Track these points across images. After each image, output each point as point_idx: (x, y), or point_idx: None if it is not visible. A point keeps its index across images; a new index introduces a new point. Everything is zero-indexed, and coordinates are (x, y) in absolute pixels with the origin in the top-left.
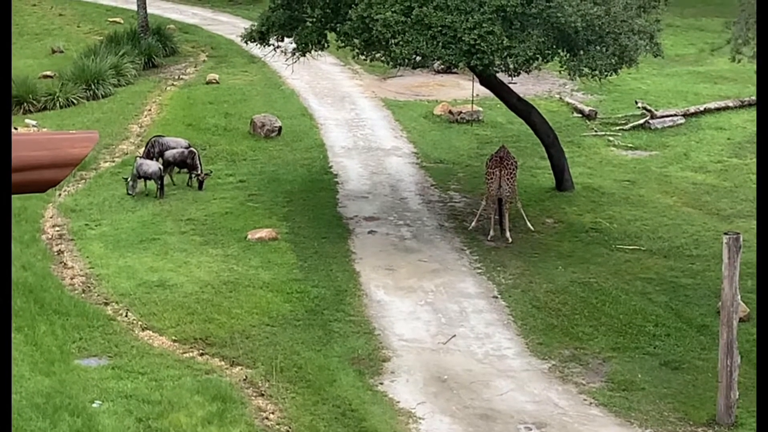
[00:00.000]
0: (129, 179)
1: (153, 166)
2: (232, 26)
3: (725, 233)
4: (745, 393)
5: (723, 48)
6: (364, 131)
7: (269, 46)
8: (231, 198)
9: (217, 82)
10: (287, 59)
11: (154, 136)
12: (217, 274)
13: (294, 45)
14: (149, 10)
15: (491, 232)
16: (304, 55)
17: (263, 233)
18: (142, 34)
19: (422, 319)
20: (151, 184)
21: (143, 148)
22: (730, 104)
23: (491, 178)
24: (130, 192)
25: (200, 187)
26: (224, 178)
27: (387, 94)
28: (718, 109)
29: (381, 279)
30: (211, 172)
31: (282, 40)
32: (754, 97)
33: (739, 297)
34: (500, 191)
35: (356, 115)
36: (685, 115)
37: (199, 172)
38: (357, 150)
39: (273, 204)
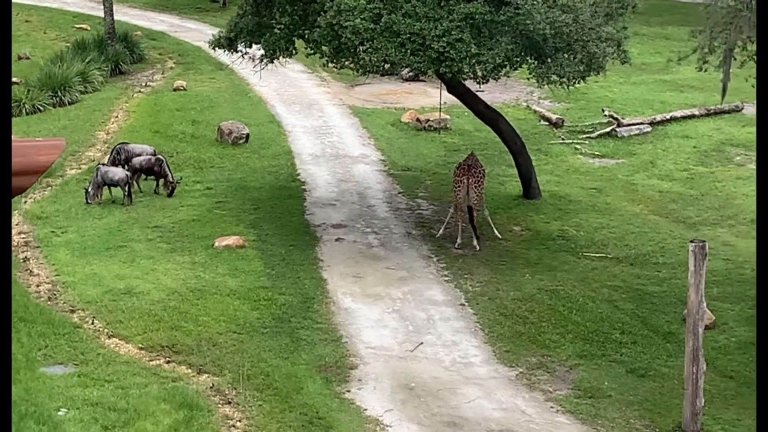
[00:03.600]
0: (89, 188)
1: (119, 173)
2: (199, 33)
3: (691, 241)
4: (710, 400)
5: (689, 57)
6: (332, 139)
7: (237, 52)
8: (198, 205)
9: (185, 89)
10: (255, 66)
11: (120, 143)
12: (184, 281)
13: (262, 52)
14: (116, 17)
15: (459, 240)
16: (272, 62)
17: (230, 240)
18: (109, 41)
19: (390, 326)
20: (117, 191)
21: (108, 156)
22: (696, 113)
23: (459, 186)
24: (89, 201)
25: (171, 194)
26: (191, 185)
27: (355, 102)
28: (684, 118)
29: (348, 286)
30: (182, 178)
31: (250, 47)
32: (720, 106)
33: (704, 304)
34: (468, 199)
35: (324, 123)
36: (651, 124)
37: (170, 179)
38: (325, 157)
39: (240, 211)
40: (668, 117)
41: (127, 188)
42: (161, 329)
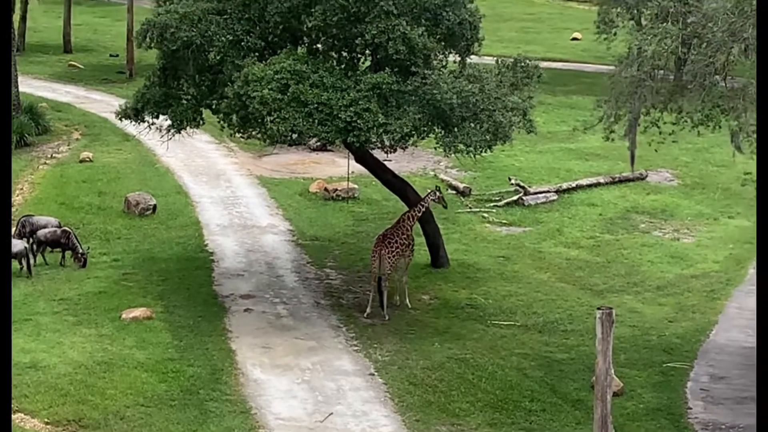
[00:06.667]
0: None
1: (18, 245)
2: (105, 104)
3: (598, 308)
4: None
5: (595, 126)
6: (240, 209)
7: (144, 123)
8: (105, 277)
9: (91, 161)
10: (162, 137)
11: (24, 216)
12: (90, 354)
13: (169, 122)
14: (21, 89)
15: (368, 309)
16: (179, 132)
17: (138, 312)
18: (13, 113)
19: (299, 397)
20: (16, 264)
21: (14, 228)
22: (602, 180)
23: (374, 257)
24: None
25: (84, 265)
26: (98, 257)
27: (263, 172)
28: (589, 186)
29: (257, 357)
30: (89, 248)
31: (157, 118)
32: (625, 173)
33: (612, 371)
34: (380, 269)
35: (232, 193)
36: (557, 192)
37: (80, 250)
38: (233, 228)
39: (148, 283)
40: (574, 185)
41: (25, 261)
42: (68, 403)
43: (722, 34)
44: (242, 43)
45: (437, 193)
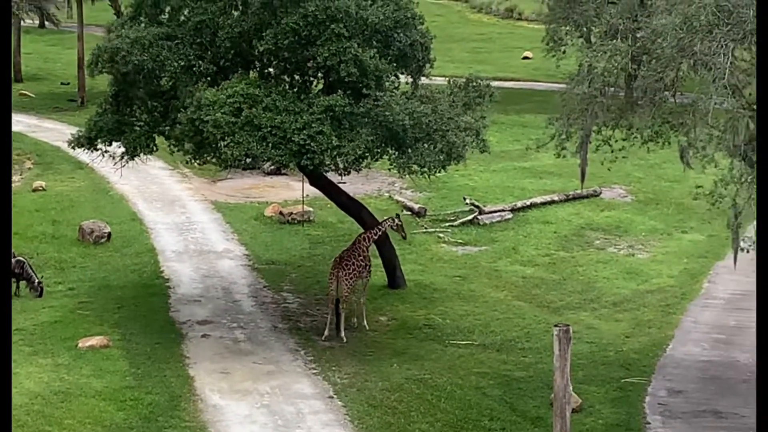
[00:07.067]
0: None
1: None
2: (58, 133)
3: (555, 325)
4: None
5: (547, 144)
6: (195, 234)
7: (97, 151)
8: (60, 306)
9: (44, 189)
10: (116, 164)
11: None
12: (47, 384)
13: (122, 149)
14: None
15: (326, 332)
16: (133, 159)
17: (94, 341)
18: None
19: (259, 422)
20: None
21: None
22: (556, 198)
23: (331, 279)
24: None
25: (40, 294)
26: (53, 286)
27: (217, 197)
28: (544, 204)
29: (216, 383)
30: (42, 277)
31: (110, 145)
32: (578, 191)
33: (570, 388)
34: (338, 292)
35: (187, 219)
36: (512, 210)
37: (35, 280)
38: (188, 254)
39: (104, 311)
40: (528, 203)
41: None
42: None
43: (671, 50)
44: (194, 68)
45: (396, 221)
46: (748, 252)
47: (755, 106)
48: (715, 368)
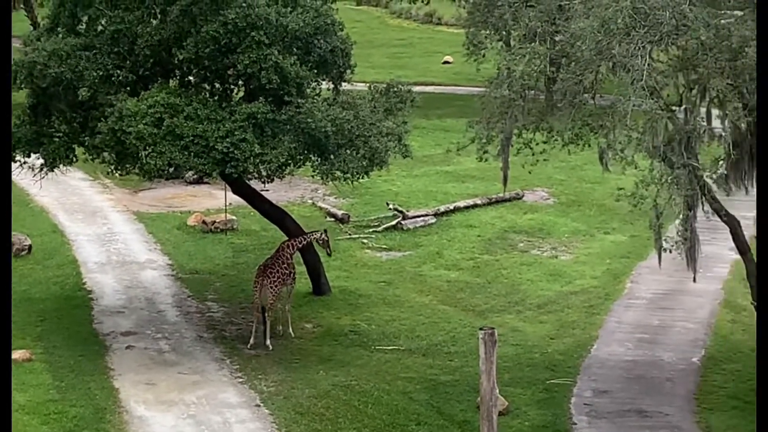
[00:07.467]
0: None
1: None
2: None
3: (481, 329)
4: None
5: (468, 147)
6: (118, 245)
7: (15, 162)
8: None
9: None
10: (35, 176)
11: None
12: None
13: (41, 161)
14: None
15: (252, 341)
16: (53, 171)
17: (16, 355)
18: None
19: None
20: None
21: None
22: (479, 202)
23: (255, 287)
24: None
25: None
26: None
27: (139, 207)
28: (467, 207)
29: (141, 394)
30: None
31: (29, 156)
32: (501, 194)
33: (497, 391)
34: (261, 299)
35: (108, 230)
36: (436, 215)
37: None
38: (111, 265)
39: (26, 324)
40: (452, 207)
41: None
42: None
43: (590, 53)
44: (113, 78)
45: (323, 236)
46: (670, 252)
47: (673, 107)
48: (640, 368)
